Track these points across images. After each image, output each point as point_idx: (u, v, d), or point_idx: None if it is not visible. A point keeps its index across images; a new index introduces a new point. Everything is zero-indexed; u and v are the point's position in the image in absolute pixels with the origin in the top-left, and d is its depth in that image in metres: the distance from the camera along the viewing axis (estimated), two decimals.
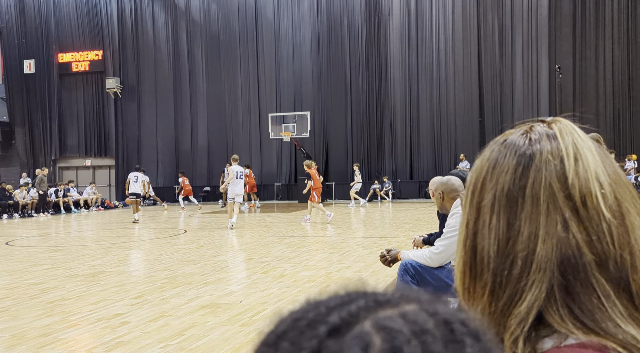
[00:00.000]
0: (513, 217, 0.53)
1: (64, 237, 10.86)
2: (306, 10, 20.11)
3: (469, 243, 0.56)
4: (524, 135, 0.57)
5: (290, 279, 5.62)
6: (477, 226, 0.55)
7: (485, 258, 0.54)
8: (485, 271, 0.54)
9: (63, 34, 22.28)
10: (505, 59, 18.35)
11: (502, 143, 0.58)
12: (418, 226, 10.69)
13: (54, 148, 22.61)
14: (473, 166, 0.60)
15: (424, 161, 19.06)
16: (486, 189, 0.55)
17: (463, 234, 0.57)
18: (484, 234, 0.54)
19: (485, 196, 0.55)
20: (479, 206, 0.56)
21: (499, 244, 0.53)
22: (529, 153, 0.55)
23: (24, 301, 4.88)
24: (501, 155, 0.56)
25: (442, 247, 2.91)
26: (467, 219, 0.57)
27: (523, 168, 0.54)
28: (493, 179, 0.55)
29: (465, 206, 0.58)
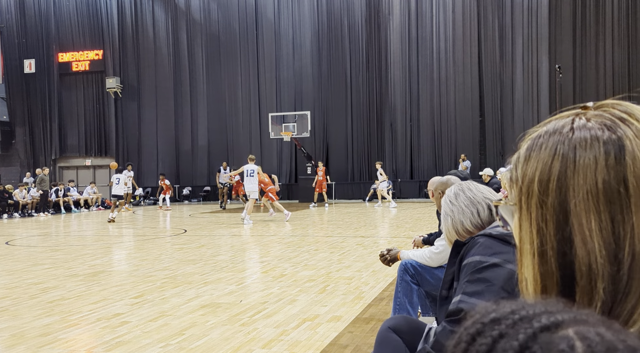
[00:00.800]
0: (619, 214, 0.46)
1: (64, 237, 10.86)
2: (306, 10, 20.11)
3: (552, 252, 0.48)
4: (590, 122, 0.50)
5: (290, 279, 5.62)
6: (563, 232, 0.48)
7: (593, 266, 0.46)
8: (594, 283, 0.46)
9: (63, 33, 22.29)
10: (506, 58, 18.34)
11: (567, 139, 0.50)
12: (418, 225, 10.69)
13: (54, 148, 22.61)
14: (517, 165, 0.52)
15: (424, 161, 19.06)
16: (571, 187, 0.48)
17: (537, 243, 0.49)
18: (583, 239, 0.47)
19: (572, 196, 0.47)
20: (562, 208, 0.48)
21: (608, 247, 0.46)
22: (614, 138, 0.48)
23: (24, 301, 4.88)
24: (579, 147, 0.48)
25: (441, 247, 2.91)
26: (538, 225, 0.49)
27: (616, 157, 0.47)
28: (579, 176, 0.47)
29: (528, 210, 0.50)
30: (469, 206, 1.80)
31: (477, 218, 1.78)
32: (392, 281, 4.94)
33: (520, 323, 0.35)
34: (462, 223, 1.80)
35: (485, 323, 0.36)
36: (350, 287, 5.14)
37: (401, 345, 1.87)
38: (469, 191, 1.83)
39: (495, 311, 0.37)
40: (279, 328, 3.80)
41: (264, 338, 3.59)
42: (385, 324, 1.97)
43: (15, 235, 11.21)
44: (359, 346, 3.38)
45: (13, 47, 22.57)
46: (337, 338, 3.57)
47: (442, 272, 2.98)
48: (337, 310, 4.28)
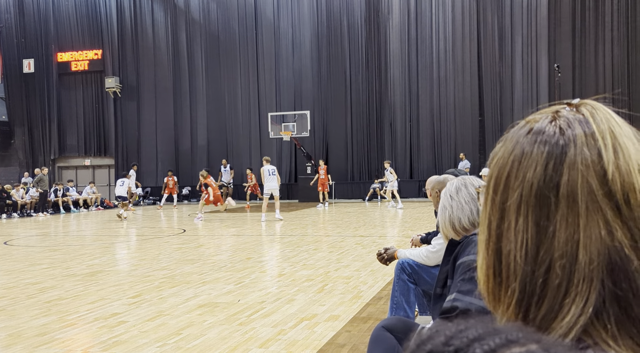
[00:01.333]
0: (545, 220, 0.46)
1: (63, 237, 10.85)
2: (306, 10, 20.10)
3: (492, 245, 0.50)
4: (552, 123, 0.49)
5: (288, 278, 5.61)
6: (501, 228, 0.49)
7: (511, 264, 0.48)
8: (511, 279, 0.48)
9: (62, 33, 22.27)
10: (505, 58, 18.34)
11: (527, 133, 0.50)
12: (417, 225, 10.68)
13: (53, 148, 22.59)
14: (493, 158, 0.52)
15: (424, 161, 19.05)
16: (511, 186, 0.48)
17: (485, 234, 0.51)
18: (509, 237, 0.48)
19: (510, 195, 0.48)
20: (503, 206, 0.49)
21: (528, 249, 0.47)
22: (561, 143, 0.47)
23: (21, 301, 4.87)
24: (527, 146, 0.49)
25: (438, 246, 2.90)
26: (489, 218, 0.51)
27: (555, 163, 0.47)
28: (519, 176, 0.48)
29: (485, 203, 0.52)
30: (469, 202, 1.75)
31: (476, 215, 1.74)
32: (391, 280, 4.93)
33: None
34: (459, 220, 1.75)
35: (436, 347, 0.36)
36: (348, 287, 5.13)
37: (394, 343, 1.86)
38: (472, 187, 1.77)
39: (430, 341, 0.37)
40: (277, 328, 3.79)
41: (262, 337, 3.58)
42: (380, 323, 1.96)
43: (13, 235, 11.20)
44: (357, 345, 3.37)
45: (12, 47, 22.54)
46: (335, 337, 3.56)
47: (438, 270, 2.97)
48: (335, 309, 4.27)
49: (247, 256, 7.15)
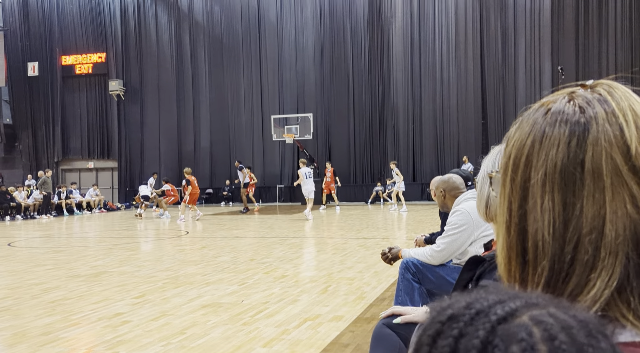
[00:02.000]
0: (571, 196, 0.47)
1: (67, 238, 10.87)
2: (309, 13, 20.15)
3: (514, 226, 0.50)
4: (570, 102, 0.50)
5: (291, 279, 5.61)
6: (524, 208, 0.49)
7: (539, 243, 0.48)
8: (540, 258, 0.48)
9: (66, 36, 22.38)
10: (508, 61, 18.33)
11: (545, 112, 0.51)
12: (420, 227, 10.66)
13: (56, 150, 22.67)
14: (509, 141, 0.53)
15: (427, 163, 19.03)
16: (533, 166, 0.49)
17: (505, 215, 0.51)
18: (535, 217, 0.48)
19: (533, 175, 0.49)
20: (525, 185, 0.49)
21: (556, 226, 0.47)
22: (582, 122, 0.48)
23: (26, 301, 4.88)
24: (547, 127, 0.49)
25: (443, 245, 2.90)
26: (509, 200, 0.50)
27: (578, 141, 0.47)
28: (542, 155, 0.49)
29: (504, 185, 0.52)
30: None
31: None
32: (394, 281, 4.92)
33: (477, 319, 0.36)
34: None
35: (444, 322, 0.37)
36: (352, 287, 5.12)
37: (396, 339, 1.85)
38: None
39: (450, 307, 0.38)
40: (280, 328, 3.79)
41: (265, 337, 3.58)
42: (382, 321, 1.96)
43: (17, 236, 11.22)
44: (360, 345, 3.37)
45: (16, 50, 22.65)
46: (339, 337, 3.56)
47: (444, 270, 2.97)
48: (339, 310, 4.27)
49: (251, 258, 7.16)
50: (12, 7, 22.80)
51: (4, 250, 8.94)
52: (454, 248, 2.90)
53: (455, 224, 2.87)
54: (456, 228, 2.87)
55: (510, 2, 18.23)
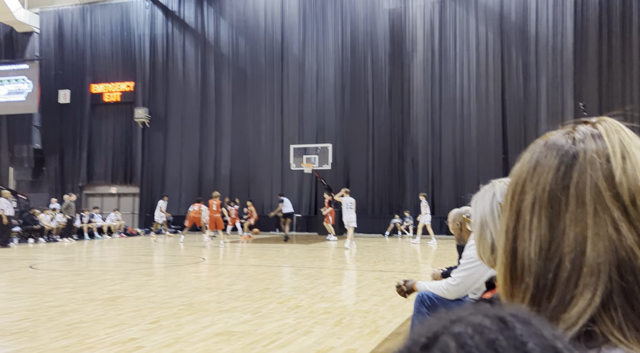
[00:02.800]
0: (556, 218, 0.50)
1: (86, 262, 11.00)
2: (331, 46, 20.58)
3: (508, 246, 0.53)
4: (567, 135, 0.54)
5: (306, 310, 5.56)
6: (517, 229, 0.53)
7: (525, 260, 0.51)
8: (526, 275, 0.51)
9: (97, 66, 23.23)
10: (530, 96, 18.29)
11: (543, 144, 0.55)
12: (438, 261, 10.50)
13: (81, 175, 23.20)
14: (513, 169, 0.57)
15: (446, 197, 18.86)
16: (526, 190, 0.53)
17: (503, 239, 0.55)
18: (524, 236, 0.52)
19: (525, 198, 0.53)
20: (519, 208, 0.53)
21: (541, 246, 0.50)
22: (572, 152, 0.52)
23: (43, 323, 4.93)
24: (542, 155, 0.54)
25: (459, 279, 2.86)
26: (507, 223, 0.54)
27: (566, 167, 0.51)
28: (534, 180, 0.53)
29: (504, 210, 0.56)
30: None
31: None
32: (410, 316, 4.84)
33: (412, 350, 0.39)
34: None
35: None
36: (366, 321, 5.05)
37: None
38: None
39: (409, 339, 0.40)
40: None
41: None
42: None
43: (39, 259, 11.41)
44: None
45: (50, 78, 23.58)
46: None
47: (459, 305, 2.92)
48: (353, 343, 4.21)
49: (265, 287, 7.13)
50: (48, 38, 23.87)
51: (26, 272, 9.08)
52: (470, 282, 2.86)
53: (472, 258, 2.84)
54: (472, 262, 2.84)
55: (531, 37, 18.33)
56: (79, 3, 23.72)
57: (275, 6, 21.27)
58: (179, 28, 22.48)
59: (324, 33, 20.65)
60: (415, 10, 19.55)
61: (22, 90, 23.85)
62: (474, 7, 18.97)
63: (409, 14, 19.61)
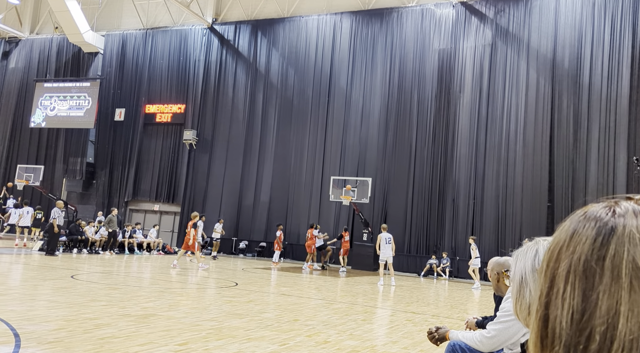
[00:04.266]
0: (589, 288, 0.50)
1: (124, 276, 11.28)
2: (378, 82, 20.81)
3: (540, 312, 0.53)
4: (608, 208, 0.55)
5: (334, 346, 5.47)
6: (549, 296, 0.53)
7: (557, 329, 0.51)
8: (556, 343, 0.50)
9: (153, 87, 24.37)
10: (580, 146, 17.73)
11: (582, 214, 0.56)
12: (474, 308, 10.15)
13: (128, 191, 24.08)
14: (553, 236, 0.58)
15: (486, 242, 18.33)
16: (561, 258, 0.53)
17: (536, 304, 0.55)
18: (556, 304, 0.52)
19: (560, 265, 0.53)
20: (553, 275, 0.53)
21: (573, 316, 0.50)
22: (612, 224, 0.52)
23: (78, 335, 5.07)
24: (580, 225, 0.54)
25: (494, 331, 2.77)
26: (541, 289, 0.55)
27: (603, 238, 0.51)
28: (570, 248, 0.53)
29: (539, 276, 0.56)
30: None
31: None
32: None
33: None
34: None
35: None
36: None
37: None
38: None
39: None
40: None
41: None
42: None
43: (80, 269, 11.80)
44: None
45: (108, 96, 24.92)
46: None
47: None
48: None
49: (295, 318, 7.08)
50: (111, 59, 25.34)
51: (67, 281, 9.41)
52: (506, 337, 2.76)
53: (509, 311, 2.76)
54: (509, 316, 2.75)
55: (584, 85, 17.91)
56: (142, 28, 25.14)
57: (326, 40, 21.82)
58: (232, 56, 23.37)
59: (372, 68, 20.94)
60: (466, 51, 19.58)
61: (82, 106, 25.24)
62: (526, 51, 18.81)
63: (459, 54, 19.65)
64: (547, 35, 18.56)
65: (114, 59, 25.25)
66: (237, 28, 23.42)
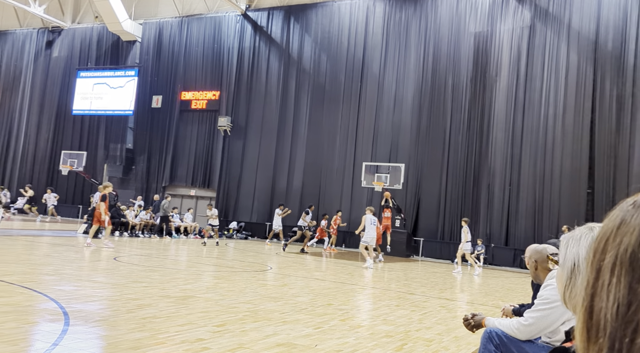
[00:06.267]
0: (636, 281, 0.49)
1: (163, 259, 11.65)
2: (412, 67, 20.49)
3: (586, 303, 0.53)
4: None
5: (367, 331, 5.54)
6: (595, 287, 0.52)
7: (602, 321, 0.50)
8: (601, 335, 0.50)
9: (188, 74, 24.76)
10: (623, 131, 17.04)
11: (632, 203, 0.55)
12: (510, 296, 10.02)
13: (165, 176, 24.70)
14: (601, 226, 0.57)
15: (522, 228, 17.97)
16: (608, 249, 0.53)
17: (582, 295, 0.54)
18: (602, 296, 0.51)
19: (607, 257, 0.52)
20: (599, 266, 0.53)
21: (619, 308, 0.49)
22: None
23: (122, 314, 5.30)
24: (628, 215, 0.53)
25: (532, 319, 2.75)
26: (587, 280, 0.54)
27: None
28: (617, 239, 0.52)
29: (586, 266, 0.56)
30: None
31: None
32: (475, 351, 4.68)
33: None
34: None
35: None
36: (429, 350, 4.94)
37: None
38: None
39: None
40: None
41: None
42: None
43: (122, 252, 12.25)
44: None
45: (146, 84, 25.49)
46: None
47: (531, 348, 2.80)
48: None
49: (329, 302, 7.18)
50: (148, 47, 25.85)
51: (111, 263, 9.80)
52: (544, 325, 2.74)
53: (547, 299, 2.73)
54: (548, 304, 2.72)
55: (629, 67, 17.14)
56: (178, 16, 25.49)
57: (359, 25, 21.59)
58: (265, 42, 23.44)
59: (406, 53, 20.62)
60: (503, 34, 19.01)
61: (121, 94, 25.96)
62: (566, 33, 18.12)
63: (495, 38, 19.11)
64: (589, 16, 17.80)
65: (151, 47, 25.74)
66: (270, 14, 23.43)
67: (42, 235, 15.07)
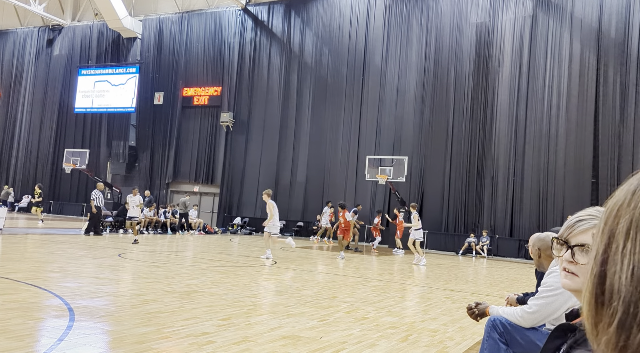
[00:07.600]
0: None
1: (167, 255, 11.69)
2: (414, 59, 20.40)
3: (596, 270, 0.52)
4: None
5: (372, 322, 5.54)
6: (607, 252, 0.51)
7: (615, 284, 0.50)
8: (614, 299, 0.49)
9: (190, 71, 24.73)
10: (626, 119, 16.94)
11: None
12: (514, 286, 10.01)
13: (168, 173, 24.75)
14: (612, 197, 0.56)
15: (526, 219, 17.93)
16: (621, 213, 0.52)
17: (591, 263, 0.53)
18: (615, 260, 0.50)
19: (621, 221, 0.51)
20: (612, 231, 0.52)
21: (634, 271, 0.48)
22: None
23: (127, 309, 5.32)
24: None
25: (536, 307, 2.74)
26: (597, 249, 0.53)
27: None
28: (632, 204, 0.51)
29: (596, 236, 0.54)
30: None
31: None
32: (480, 340, 4.67)
33: None
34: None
35: None
36: (434, 340, 4.94)
37: None
38: None
39: None
40: None
41: None
42: None
43: (127, 249, 12.29)
44: None
45: (147, 81, 25.48)
46: None
47: (535, 335, 2.79)
48: None
49: (333, 295, 7.18)
50: (149, 43, 25.82)
51: (115, 260, 9.83)
52: (548, 311, 2.73)
53: (551, 286, 2.72)
54: (552, 291, 2.71)
55: (632, 56, 17.01)
56: (178, 11, 25.43)
57: (360, 17, 21.48)
58: (266, 37, 23.37)
59: (407, 45, 20.52)
60: (505, 24, 18.88)
61: (123, 91, 25.96)
62: (569, 22, 17.98)
63: (497, 27, 18.99)
64: (592, 4, 17.65)
65: (152, 43, 25.71)
66: (270, 9, 23.34)
67: (46, 233, 15.15)
